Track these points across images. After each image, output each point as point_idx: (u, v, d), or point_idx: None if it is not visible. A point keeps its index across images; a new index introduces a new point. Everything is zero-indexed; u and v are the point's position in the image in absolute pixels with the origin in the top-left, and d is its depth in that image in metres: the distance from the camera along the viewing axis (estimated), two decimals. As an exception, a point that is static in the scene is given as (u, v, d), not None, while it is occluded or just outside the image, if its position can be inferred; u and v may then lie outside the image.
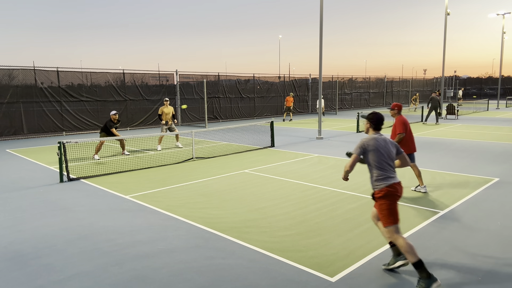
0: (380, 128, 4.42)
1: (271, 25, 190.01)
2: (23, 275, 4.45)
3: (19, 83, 17.13)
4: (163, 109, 13.46)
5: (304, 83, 30.25)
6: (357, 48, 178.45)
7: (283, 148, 13.33)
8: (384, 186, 4.22)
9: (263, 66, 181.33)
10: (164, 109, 13.45)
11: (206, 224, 5.93)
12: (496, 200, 6.98)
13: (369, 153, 4.26)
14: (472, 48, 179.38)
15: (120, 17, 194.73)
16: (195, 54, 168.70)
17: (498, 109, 31.70)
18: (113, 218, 6.30)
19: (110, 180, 8.94)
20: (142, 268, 4.57)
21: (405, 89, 41.34)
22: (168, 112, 13.45)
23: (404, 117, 7.71)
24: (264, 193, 7.65)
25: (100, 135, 11.92)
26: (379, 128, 4.42)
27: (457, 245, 5.08)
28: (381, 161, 4.25)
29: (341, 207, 6.66)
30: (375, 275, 4.31)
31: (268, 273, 4.38)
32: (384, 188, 4.22)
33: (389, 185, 4.22)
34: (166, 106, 13.52)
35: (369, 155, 4.27)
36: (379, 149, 4.25)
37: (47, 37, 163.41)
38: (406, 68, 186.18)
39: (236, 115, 25.60)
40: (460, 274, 4.32)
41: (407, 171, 8.92)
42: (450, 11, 23.75)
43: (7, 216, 6.52)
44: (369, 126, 4.44)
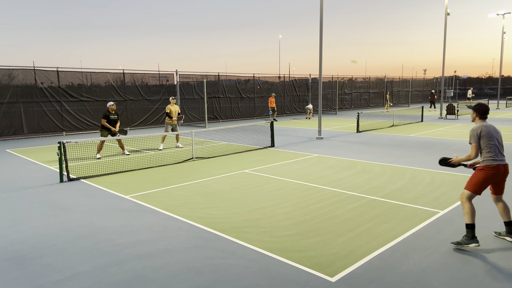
0: (486, 117, 5.06)
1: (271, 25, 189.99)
2: (23, 275, 4.45)
3: (19, 83, 17.14)
4: (170, 107, 13.46)
5: (304, 83, 30.26)
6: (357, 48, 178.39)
7: (283, 148, 13.33)
8: (491, 163, 4.86)
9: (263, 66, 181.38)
10: (171, 108, 13.47)
11: (206, 224, 5.93)
12: (496, 200, 6.97)
13: (482, 138, 4.90)
14: (472, 48, 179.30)
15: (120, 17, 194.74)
16: (195, 54, 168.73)
17: (498, 109, 31.70)
18: (113, 218, 6.30)
19: (110, 180, 8.94)
20: (142, 268, 4.57)
21: (405, 89, 41.35)
22: (175, 110, 13.51)
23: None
24: (264, 193, 7.65)
25: (100, 133, 11.91)
26: (485, 117, 5.06)
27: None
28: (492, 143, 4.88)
29: (341, 207, 6.66)
30: (375, 275, 4.30)
31: (268, 273, 4.38)
32: (491, 165, 4.85)
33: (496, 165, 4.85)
34: (172, 104, 13.55)
35: (481, 140, 4.91)
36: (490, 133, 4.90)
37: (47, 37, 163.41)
38: (406, 68, 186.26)
39: (236, 115, 25.60)
40: (460, 274, 4.31)
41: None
42: (450, 11, 23.74)
43: (7, 216, 6.52)
44: (475, 116, 5.10)
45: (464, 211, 4.94)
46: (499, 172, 4.90)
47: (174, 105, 13.59)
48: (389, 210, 6.51)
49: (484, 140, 4.90)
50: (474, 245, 4.83)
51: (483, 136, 4.91)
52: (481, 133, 4.91)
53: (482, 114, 5.05)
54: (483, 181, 4.90)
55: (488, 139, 4.89)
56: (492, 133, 4.93)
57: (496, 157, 4.88)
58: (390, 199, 7.13)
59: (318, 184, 8.23)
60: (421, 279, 4.21)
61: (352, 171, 9.43)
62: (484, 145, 4.91)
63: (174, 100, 13.63)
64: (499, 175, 4.92)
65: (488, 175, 4.88)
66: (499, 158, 4.89)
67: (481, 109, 5.05)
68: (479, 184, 4.90)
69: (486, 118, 5.08)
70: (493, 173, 4.87)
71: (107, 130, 11.77)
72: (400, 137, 15.67)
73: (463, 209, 4.95)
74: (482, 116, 5.06)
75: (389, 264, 4.56)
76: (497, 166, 4.86)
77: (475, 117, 5.12)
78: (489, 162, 4.88)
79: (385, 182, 8.36)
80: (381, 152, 12.11)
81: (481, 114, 5.05)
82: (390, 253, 4.83)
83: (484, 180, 4.90)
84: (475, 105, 5.12)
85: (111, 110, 11.82)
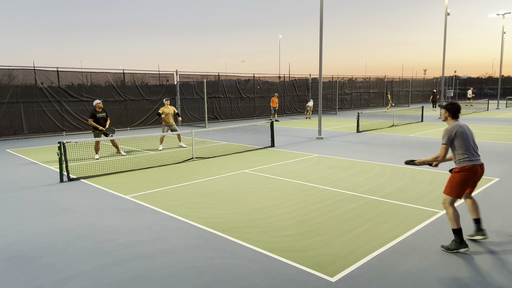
0: (458, 116, 4.95)
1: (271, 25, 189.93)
2: (23, 275, 4.45)
3: (19, 83, 17.14)
4: (163, 109, 13.38)
5: (304, 83, 30.26)
6: (357, 48, 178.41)
7: (283, 148, 13.33)
8: (466, 165, 4.75)
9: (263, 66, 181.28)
10: (164, 109, 13.36)
11: (206, 224, 5.93)
12: (496, 200, 6.98)
13: (456, 139, 4.79)
14: (472, 48, 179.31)
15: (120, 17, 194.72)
16: (195, 54, 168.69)
17: (498, 109, 31.70)
18: (113, 218, 6.30)
19: (110, 180, 8.94)
20: (142, 268, 4.57)
21: (405, 89, 41.34)
22: (168, 112, 13.36)
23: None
24: (264, 193, 7.65)
25: (93, 134, 11.80)
26: (458, 116, 4.95)
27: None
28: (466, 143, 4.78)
29: (341, 207, 6.66)
30: (375, 275, 4.30)
31: (268, 273, 4.38)
32: (466, 166, 4.75)
33: (472, 165, 4.75)
34: (166, 106, 13.44)
35: (455, 141, 4.80)
36: (463, 133, 4.80)
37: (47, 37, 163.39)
38: (406, 68, 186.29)
39: (236, 115, 25.60)
40: (460, 274, 4.31)
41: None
42: (450, 11, 23.74)
43: (7, 216, 6.52)
44: (447, 115, 4.97)
45: (448, 217, 4.83)
46: (476, 173, 4.80)
47: (169, 106, 13.43)
48: (389, 210, 6.51)
49: (459, 140, 4.78)
50: (463, 250, 4.76)
51: (457, 137, 4.78)
52: (455, 133, 4.79)
53: (454, 113, 4.93)
54: (461, 183, 4.77)
55: (463, 139, 4.78)
56: (467, 132, 4.83)
57: (472, 157, 4.77)
58: (390, 199, 7.12)
59: (318, 184, 8.23)
60: (421, 279, 4.21)
61: (352, 171, 9.43)
62: (458, 145, 4.79)
63: (167, 102, 13.51)
64: (476, 175, 4.82)
65: (466, 177, 4.76)
66: (475, 158, 4.79)
67: (453, 108, 4.92)
68: (458, 188, 4.78)
69: (458, 117, 4.98)
70: (470, 174, 4.76)
71: (98, 130, 11.69)
72: (400, 137, 15.67)
73: (447, 215, 4.85)
74: (454, 116, 4.93)
75: (389, 264, 4.56)
76: (473, 167, 4.76)
77: (447, 117, 4.99)
78: (465, 163, 4.76)
79: (385, 182, 8.35)
80: (381, 152, 12.11)
81: (453, 114, 4.93)
82: (390, 253, 4.83)
83: (462, 182, 4.77)
84: (447, 104, 4.98)
85: (98, 108, 11.67)
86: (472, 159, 4.77)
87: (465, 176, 4.76)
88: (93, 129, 11.74)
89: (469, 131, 4.87)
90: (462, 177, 4.77)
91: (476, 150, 4.87)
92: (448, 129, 4.86)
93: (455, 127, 4.82)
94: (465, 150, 4.77)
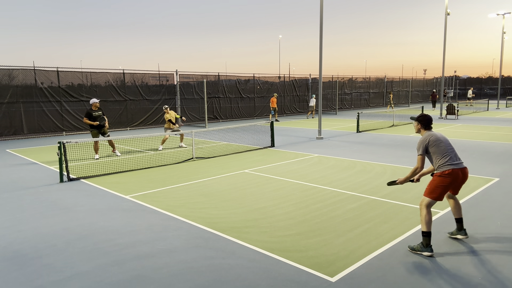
0: (431, 127, 5.02)
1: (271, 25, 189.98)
2: (23, 275, 4.45)
3: (19, 83, 17.14)
4: (169, 116, 13.42)
5: (304, 83, 30.25)
6: (357, 48, 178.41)
7: (283, 148, 13.33)
8: (446, 169, 4.74)
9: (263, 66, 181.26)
10: (170, 116, 13.44)
11: (206, 224, 5.93)
12: (496, 200, 6.98)
13: (431, 147, 4.83)
14: (472, 48, 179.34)
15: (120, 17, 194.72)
16: (195, 54, 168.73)
17: (498, 109, 31.70)
18: (113, 218, 6.30)
19: (110, 180, 8.94)
20: (142, 268, 4.57)
21: (405, 89, 41.34)
22: (172, 116, 13.49)
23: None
24: (264, 193, 7.65)
25: (91, 134, 11.74)
26: (430, 127, 5.02)
27: (457, 245, 5.07)
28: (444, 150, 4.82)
29: (341, 207, 6.66)
30: (375, 275, 4.30)
31: (268, 273, 4.38)
32: (447, 170, 4.74)
33: (453, 169, 4.74)
34: (167, 112, 13.51)
35: (431, 149, 4.84)
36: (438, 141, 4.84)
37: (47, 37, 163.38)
38: (406, 68, 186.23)
39: (236, 115, 25.60)
40: (460, 274, 4.31)
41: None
42: (450, 11, 23.73)
43: (7, 216, 6.52)
44: (420, 127, 5.05)
45: (421, 218, 4.80)
46: (457, 177, 4.77)
47: (170, 111, 13.52)
48: (389, 210, 6.51)
49: (434, 148, 4.81)
50: (427, 254, 4.70)
51: (431, 145, 4.83)
52: (429, 142, 4.83)
53: (427, 125, 5.00)
54: (441, 187, 4.76)
55: (438, 146, 4.81)
56: (441, 139, 4.87)
57: (452, 162, 4.77)
58: (390, 199, 7.12)
59: (318, 184, 8.23)
60: (421, 279, 4.21)
61: (352, 171, 9.43)
62: (435, 152, 4.82)
63: (167, 109, 13.58)
64: (457, 180, 4.80)
65: (446, 181, 4.74)
66: (455, 162, 4.78)
67: (424, 119, 4.99)
68: (438, 191, 4.76)
69: (431, 128, 5.03)
70: (451, 179, 4.74)
71: (95, 130, 11.60)
72: (400, 137, 15.67)
73: (420, 216, 4.83)
74: (426, 127, 5.01)
75: (389, 264, 4.56)
76: (453, 171, 4.73)
77: (419, 128, 5.05)
78: (445, 168, 4.75)
79: (385, 182, 8.35)
80: (381, 152, 12.11)
81: (425, 125, 5.00)
82: (390, 253, 4.83)
83: (442, 186, 4.75)
84: (418, 116, 5.05)
85: (94, 107, 11.54)
86: (452, 163, 4.76)
87: (445, 180, 4.75)
88: (91, 129, 11.70)
89: (443, 138, 4.91)
90: (442, 181, 4.76)
91: (456, 154, 4.87)
92: (421, 140, 4.91)
93: (428, 136, 4.88)
94: (443, 156, 4.79)
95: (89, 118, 11.43)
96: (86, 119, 11.44)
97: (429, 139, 4.84)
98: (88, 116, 11.43)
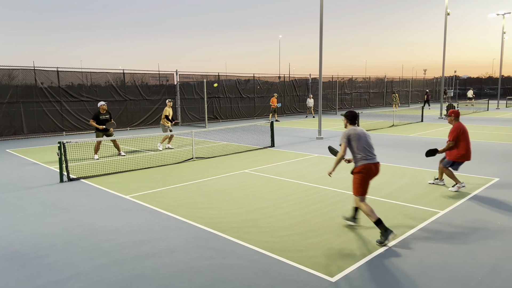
0: (355, 123, 5.53)
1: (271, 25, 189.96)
2: (23, 275, 4.45)
3: (19, 83, 17.14)
4: (169, 110, 13.35)
5: (304, 83, 30.26)
6: (357, 48, 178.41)
7: (283, 148, 13.33)
8: (361, 164, 5.28)
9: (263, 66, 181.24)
10: (170, 110, 13.37)
11: (206, 224, 5.93)
12: (496, 200, 6.98)
13: (352, 141, 5.33)
14: (472, 48, 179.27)
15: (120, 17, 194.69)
16: (195, 54, 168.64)
17: (498, 109, 31.70)
18: (113, 218, 6.30)
19: (110, 180, 8.94)
20: (142, 268, 4.57)
21: (405, 89, 41.35)
22: (171, 114, 13.43)
23: (459, 125, 7.61)
24: (264, 193, 7.65)
25: (95, 134, 11.84)
26: (355, 123, 5.52)
27: (457, 245, 5.08)
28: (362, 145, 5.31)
29: (341, 207, 6.66)
30: (375, 275, 4.30)
31: (268, 273, 4.38)
32: (361, 165, 5.27)
33: (365, 164, 5.28)
34: (169, 106, 13.46)
35: (352, 142, 5.33)
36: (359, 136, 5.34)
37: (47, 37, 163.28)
38: (406, 68, 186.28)
39: (236, 115, 25.60)
40: (460, 274, 4.31)
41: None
42: (450, 11, 23.74)
43: (7, 216, 6.52)
44: (346, 122, 5.57)
45: (365, 213, 5.28)
46: (371, 171, 5.30)
47: (170, 109, 13.43)
48: (389, 210, 6.51)
49: (354, 142, 5.32)
50: (391, 236, 5.04)
51: (352, 139, 5.33)
52: (350, 135, 5.34)
53: (352, 120, 5.53)
54: (362, 183, 5.30)
55: (357, 141, 5.31)
56: (361, 135, 5.35)
57: (366, 157, 5.29)
58: (390, 199, 7.13)
59: (318, 184, 8.23)
60: (421, 279, 4.21)
61: (352, 171, 9.42)
62: (354, 146, 5.33)
63: (170, 103, 13.51)
64: (371, 173, 5.32)
65: (363, 176, 5.28)
66: (369, 157, 5.30)
67: (350, 115, 5.53)
68: (361, 187, 5.31)
69: (355, 124, 5.54)
70: (366, 172, 5.27)
71: (101, 131, 11.68)
72: (400, 137, 15.67)
73: (363, 212, 5.31)
74: (351, 122, 5.53)
75: (389, 264, 4.57)
76: (367, 165, 5.27)
77: (346, 123, 5.58)
78: (361, 163, 5.29)
79: (385, 182, 8.35)
80: (381, 152, 12.10)
81: (350, 120, 5.53)
82: (390, 253, 4.83)
83: (362, 181, 5.29)
84: (346, 113, 5.58)
85: (102, 110, 11.64)
86: (367, 158, 5.29)
87: (362, 176, 5.29)
88: (96, 130, 11.73)
89: (363, 134, 5.39)
90: (360, 177, 5.30)
91: (372, 150, 5.38)
92: (345, 132, 5.46)
93: (351, 130, 5.39)
94: (359, 151, 5.31)
95: (96, 121, 11.51)
96: (93, 122, 11.53)
97: (351, 133, 5.36)
98: (96, 119, 11.53)
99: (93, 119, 11.57)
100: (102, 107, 11.66)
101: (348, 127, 5.55)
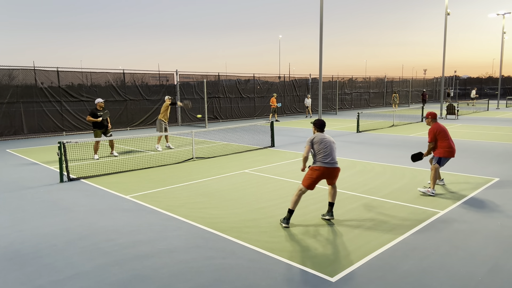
0: (323, 130, 6.14)
1: (271, 25, 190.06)
2: (23, 275, 4.45)
3: (19, 83, 17.13)
4: (166, 108, 13.27)
5: (304, 83, 30.25)
6: (357, 48, 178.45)
7: (283, 148, 13.33)
8: (317, 165, 5.84)
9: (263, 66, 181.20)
10: (166, 107, 13.30)
11: (206, 224, 5.93)
12: (496, 200, 6.98)
13: (315, 144, 5.92)
14: (472, 48, 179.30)
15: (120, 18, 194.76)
16: (195, 54, 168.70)
17: (498, 109, 31.70)
18: (113, 218, 6.30)
19: (110, 180, 8.94)
20: (142, 268, 4.57)
21: (405, 89, 41.35)
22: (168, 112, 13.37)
23: (436, 125, 7.58)
24: (264, 193, 7.65)
25: (94, 134, 11.80)
26: (322, 130, 6.13)
27: (457, 245, 5.08)
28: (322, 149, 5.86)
29: (341, 207, 6.66)
30: (375, 275, 4.30)
31: (268, 273, 4.38)
32: (318, 166, 5.83)
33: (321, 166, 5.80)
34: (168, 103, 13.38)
35: (314, 145, 5.91)
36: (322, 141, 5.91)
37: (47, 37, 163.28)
38: (406, 68, 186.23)
39: (236, 115, 25.59)
40: (460, 274, 4.32)
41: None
42: (450, 12, 23.74)
43: (7, 216, 6.52)
44: (314, 129, 6.17)
45: (292, 199, 5.83)
46: (324, 173, 5.81)
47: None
48: (389, 210, 6.51)
49: (316, 146, 5.89)
50: (284, 225, 5.75)
51: (315, 143, 5.90)
52: (314, 139, 5.92)
53: (319, 128, 6.12)
54: (312, 178, 5.79)
55: (318, 145, 5.87)
56: (324, 141, 5.90)
57: (324, 160, 5.81)
58: (390, 199, 7.13)
59: (318, 184, 8.21)
60: (421, 279, 4.21)
61: (352, 171, 9.43)
62: (315, 149, 5.90)
63: (169, 100, 13.44)
64: (325, 175, 5.84)
65: (317, 174, 5.78)
66: (326, 161, 5.81)
67: (318, 123, 6.14)
68: (309, 181, 5.80)
69: (323, 131, 6.13)
70: (320, 172, 5.78)
71: (99, 129, 11.66)
72: (400, 137, 15.67)
73: (293, 196, 5.87)
74: (319, 129, 6.12)
75: (389, 264, 4.57)
76: (322, 168, 5.79)
77: (314, 130, 6.17)
78: (317, 164, 5.83)
79: (385, 182, 8.36)
80: (381, 152, 12.11)
81: (318, 128, 6.12)
82: (390, 253, 4.83)
83: (313, 177, 5.79)
84: (314, 121, 6.17)
85: (99, 107, 11.66)
86: (325, 162, 5.80)
87: (315, 173, 5.79)
88: (94, 129, 11.74)
89: (327, 141, 5.92)
90: (313, 173, 5.80)
91: (332, 155, 5.86)
92: (311, 136, 6.00)
93: (316, 135, 5.97)
94: (319, 154, 5.85)
95: (93, 117, 11.53)
96: (90, 117, 11.52)
97: (315, 138, 5.92)
98: (92, 115, 11.54)
99: (90, 115, 11.57)
100: (99, 104, 11.68)
101: (315, 133, 6.10)
